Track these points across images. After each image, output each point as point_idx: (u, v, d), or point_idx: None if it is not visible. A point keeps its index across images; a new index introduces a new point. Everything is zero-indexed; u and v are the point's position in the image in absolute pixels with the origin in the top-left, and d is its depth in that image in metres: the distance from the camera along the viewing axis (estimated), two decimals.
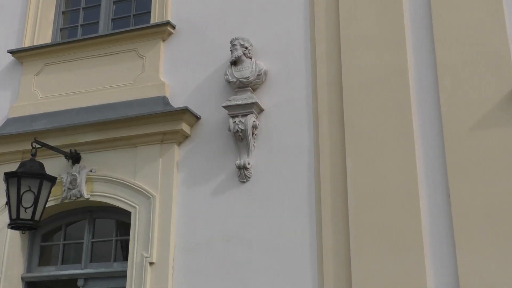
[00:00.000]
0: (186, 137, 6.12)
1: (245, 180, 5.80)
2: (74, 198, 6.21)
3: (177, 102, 6.23)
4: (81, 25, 7.18)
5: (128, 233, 6.05)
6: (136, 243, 5.86)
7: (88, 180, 6.22)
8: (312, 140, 5.69)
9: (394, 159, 5.29)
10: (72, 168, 6.29)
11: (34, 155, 5.82)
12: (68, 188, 6.23)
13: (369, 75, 5.59)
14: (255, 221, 5.66)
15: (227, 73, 6.00)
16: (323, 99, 5.72)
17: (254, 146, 5.86)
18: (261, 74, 5.97)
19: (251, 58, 6.02)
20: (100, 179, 6.22)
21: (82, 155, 6.35)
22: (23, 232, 5.79)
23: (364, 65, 5.62)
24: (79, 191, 6.19)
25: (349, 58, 5.68)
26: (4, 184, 5.67)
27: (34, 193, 5.61)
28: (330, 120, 5.63)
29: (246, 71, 5.94)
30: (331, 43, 5.81)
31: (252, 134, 5.85)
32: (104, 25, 6.94)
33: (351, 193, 5.32)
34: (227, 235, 5.70)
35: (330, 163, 5.52)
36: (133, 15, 6.95)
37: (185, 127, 6.05)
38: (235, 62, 6.00)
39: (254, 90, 5.99)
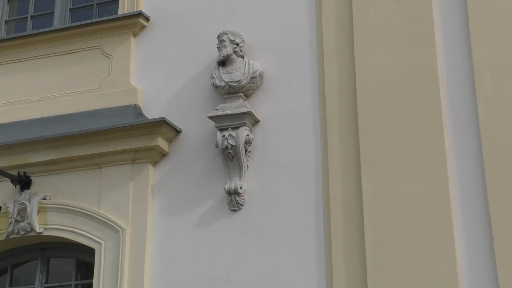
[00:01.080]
0: (163, 155, 6.10)
1: (236, 208, 5.78)
2: (23, 233, 6.16)
3: (151, 112, 6.22)
4: (31, 17, 7.17)
5: (91, 276, 6.00)
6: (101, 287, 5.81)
7: (41, 209, 6.18)
8: (320, 157, 5.67)
9: (421, 180, 5.27)
10: (20, 195, 6.26)
11: None
12: (16, 220, 6.18)
13: (389, 76, 5.57)
14: (249, 259, 5.63)
15: (214, 75, 6.00)
16: (332, 106, 5.71)
17: (247, 166, 5.85)
18: (255, 76, 5.96)
19: (243, 57, 6.01)
20: (55, 209, 6.18)
21: (33, 178, 6.31)
22: None
23: (382, 64, 5.60)
24: (29, 223, 6.14)
25: (364, 56, 5.67)
26: None
27: None
28: (341, 133, 5.63)
29: (237, 73, 5.94)
30: (342, 37, 5.80)
31: (245, 151, 5.83)
32: (60, 17, 6.93)
33: (368, 225, 5.29)
34: (214, 277, 5.66)
35: (342, 186, 5.50)
36: (97, 4, 6.96)
37: (161, 142, 6.03)
38: (223, 62, 6.00)
39: (247, 96, 5.98)
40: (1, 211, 5.90)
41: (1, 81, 6.79)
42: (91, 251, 6.02)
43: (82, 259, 6.22)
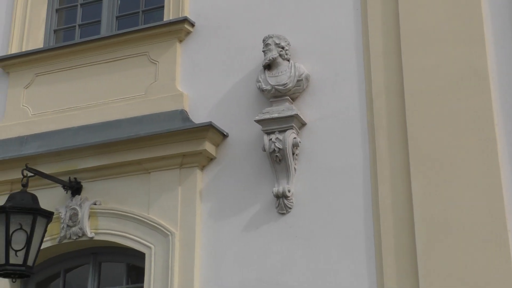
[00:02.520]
0: (210, 159, 6.05)
1: (285, 212, 5.70)
2: (74, 238, 6.16)
3: (198, 117, 6.17)
4: (79, 26, 7.18)
5: (141, 280, 5.97)
6: None
7: (92, 215, 6.17)
8: (368, 160, 5.57)
9: (473, 182, 5.14)
10: (71, 200, 6.25)
11: (25, 185, 5.77)
12: (68, 226, 6.18)
13: (438, 77, 5.45)
14: (297, 263, 5.55)
15: (260, 79, 5.93)
16: (380, 109, 5.60)
17: (295, 169, 5.76)
18: (301, 79, 5.88)
19: (288, 60, 5.94)
20: (106, 214, 6.16)
21: (84, 184, 6.31)
22: (14, 280, 5.73)
23: (430, 65, 5.48)
24: (80, 228, 6.13)
25: (412, 57, 5.55)
26: None
27: (26, 232, 5.56)
28: (390, 136, 5.52)
29: (283, 76, 5.86)
30: (389, 39, 5.69)
31: (293, 154, 5.75)
32: (107, 25, 6.93)
33: (419, 228, 5.17)
34: (263, 281, 5.60)
35: (391, 189, 5.39)
36: (143, 11, 6.94)
37: (209, 147, 5.98)
38: (269, 66, 5.92)
39: (293, 99, 5.90)
40: (53, 216, 5.86)
41: (50, 89, 6.80)
42: (141, 256, 6.00)
43: (133, 263, 6.19)
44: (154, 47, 6.51)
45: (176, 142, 6.01)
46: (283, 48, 5.94)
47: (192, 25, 6.48)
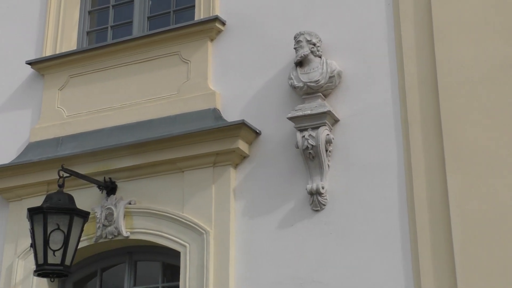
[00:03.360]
0: (243, 157, 6.01)
1: (319, 209, 5.64)
2: (110, 237, 6.17)
3: (231, 115, 6.14)
4: (111, 27, 7.20)
5: (177, 278, 5.95)
6: None
7: (127, 214, 6.17)
8: (402, 155, 5.49)
9: (510, 177, 5.03)
10: (106, 200, 6.26)
11: (61, 186, 5.80)
12: (103, 225, 6.19)
13: (472, 70, 5.36)
14: (333, 260, 5.50)
15: (292, 76, 5.87)
16: (413, 103, 5.51)
17: (328, 165, 5.70)
18: (333, 76, 5.81)
19: (320, 57, 5.88)
20: (141, 213, 6.16)
21: (118, 184, 6.32)
22: (52, 280, 5.77)
23: (465, 58, 5.39)
24: (116, 228, 6.14)
25: (445, 50, 5.46)
26: (28, 223, 5.64)
27: (63, 232, 5.60)
28: (424, 130, 5.43)
29: (315, 73, 5.80)
30: (421, 32, 5.60)
31: (326, 150, 5.69)
32: (139, 26, 6.93)
33: (455, 223, 5.08)
34: (299, 278, 5.55)
35: (427, 184, 5.30)
36: (174, 11, 6.93)
37: (242, 145, 5.93)
38: (301, 63, 5.87)
39: (326, 96, 5.84)
40: (89, 216, 5.88)
41: (84, 90, 6.82)
42: (176, 254, 5.98)
43: (168, 262, 6.18)
44: (185, 47, 6.49)
45: (209, 141, 5.99)
46: (314, 44, 5.88)
47: (223, 23, 6.45)
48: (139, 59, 6.66)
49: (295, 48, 5.89)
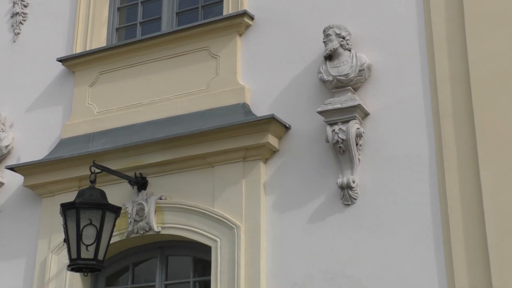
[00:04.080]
0: (273, 152, 5.98)
1: (350, 203, 5.59)
2: (142, 232, 6.18)
3: (260, 110, 6.12)
4: (140, 23, 7.21)
5: (208, 273, 5.95)
6: (219, 285, 5.77)
7: (158, 209, 6.17)
8: (434, 149, 5.42)
9: None
10: (137, 195, 6.27)
11: (93, 181, 5.81)
12: (135, 220, 6.20)
13: (505, 63, 5.26)
14: (365, 254, 5.45)
15: (321, 70, 5.82)
16: (445, 96, 5.44)
17: (359, 159, 5.65)
18: (363, 69, 5.76)
19: (350, 50, 5.82)
20: (171, 208, 6.16)
21: (149, 179, 6.33)
22: (85, 274, 5.79)
23: (497, 50, 5.30)
24: (147, 223, 6.15)
25: (477, 43, 5.38)
26: (61, 218, 5.67)
27: (96, 227, 5.61)
28: (456, 123, 5.36)
29: (344, 66, 5.75)
30: (452, 24, 5.52)
31: (356, 144, 5.63)
32: (167, 22, 6.93)
33: (489, 217, 5.00)
34: (330, 273, 5.51)
35: (459, 178, 5.24)
36: (202, 6, 6.92)
37: (272, 139, 5.90)
38: (330, 57, 5.82)
39: (355, 89, 5.78)
40: (121, 211, 5.89)
41: (114, 86, 6.84)
42: (207, 249, 5.97)
43: (199, 257, 6.18)
44: (214, 42, 6.48)
45: (239, 136, 5.96)
46: (344, 38, 5.82)
47: (252, 18, 6.42)
48: (168, 55, 6.66)
49: (324, 42, 5.84)
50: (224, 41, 6.44)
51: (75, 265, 5.59)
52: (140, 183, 6.30)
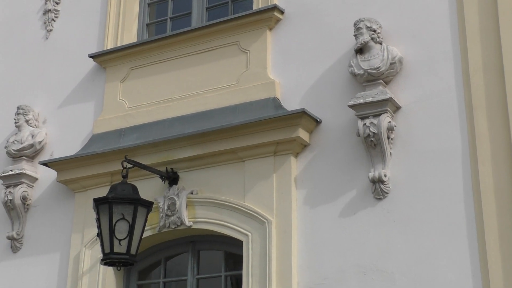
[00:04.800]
0: (304, 146, 5.95)
1: (381, 197, 5.54)
2: (173, 227, 6.19)
3: (291, 104, 6.08)
4: (170, 19, 7.20)
5: (239, 267, 5.94)
6: (250, 279, 5.75)
7: (189, 204, 6.18)
8: (467, 142, 5.35)
9: None
10: (169, 190, 6.28)
11: (125, 176, 5.82)
12: (166, 215, 6.21)
13: None
14: (397, 248, 5.39)
15: (352, 63, 5.78)
16: (478, 89, 5.36)
17: (390, 153, 5.60)
18: (395, 62, 5.69)
19: (381, 43, 5.77)
20: (202, 203, 6.16)
21: (180, 174, 6.33)
22: (118, 268, 5.80)
23: None
24: (179, 217, 6.15)
25: (511, 33, 5.30)
26: (94, 213, 5.70)
27: (128, 221, 5.62)
28: (489, 116, 5.28)
29: (375, 59, 5.69)
30: (485, 15, 5.44)
31: (388, 138, 5.58)
32: (197, 17, 6.92)
33: None
34: (362, 267, 5.47)
35: (493, 171, 5.16)
36: (232, 1, 6.90)
37: (302, 133, 5.87)
38: (361, 50, 5.77)
39: (387, 83, 5.72)
40: (152, 206, 5.90)
41: (145, 82, 6.85)
42: (238, 243, 5.96)
43: (230, 251, 6.17)
44: (244, 36, 6.45)
45: (269, 130, 5.94)
46: (374, 31, 5.77)
47: (282, 12, 6.38)
48: (198, 49, 6.66)
49: (355, 35, 5.79)
50: (254, 36, 6.41)
51: (108, 259, 5.60)
52: (172, 178, 6.31)
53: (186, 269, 6.29)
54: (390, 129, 5.59)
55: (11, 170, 7.04)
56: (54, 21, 7.63)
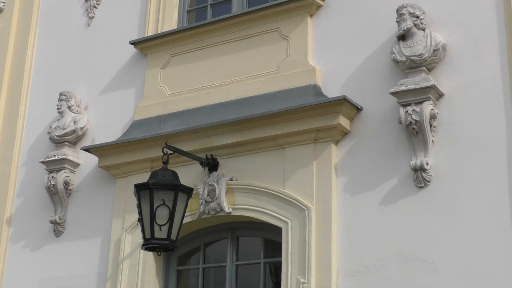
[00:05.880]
0: (344, 133, 5.88)
1: (423, 185, 5.45)
2: (213, 213, 6.18)
3: (331, 91, 6.01)
4: (210, 5, 7.18)
5: (278, 254, 5.91)
6: (289, 266, 5.72)
7: (229, 190, 6.16)
8: None
9: None
10: (209, 176, 6.26)
11: (166, 162, 5.82)
12: (206, 201, 6.20)
13: None
14: (438, 237, 5.31)
15: (394, 50, 5.68)
16: None
17: (433, 141, 5.50)
18: (438, 49, 5.58)
19: (424, 30, 5.67)
20: (242, 189, 6.14)
21: (220, 160, 6.32)
22: (159, 254, 5.81)
23: None
24: (218, 204, 6.14)
25: None
26: (135, 198, 5.71)
27: (168, 207, 5.62)
28: None
29: (418, 46, 5.59)
30: None
31: (430, 126, 5.48)
32: (238, 3, 6.88)
33: None
34: (403, 256, 5.40)
35: None
36: None
37: (343, 121, 5.80)
38: (403, 36, 5.68)
39: (429, 70, 5.62)
40: (192, 192, 5.89)
41: (185, 68, 6.84)
42: (277, 230, 5.93)
43: (269, 238, 6.14)
44: (285, 23, 6.39)
45: (309, 117, 5.88)
46: (417, 17, 5.66)
47: None
48: (239, 36, 6.62)
49: (397, 22, 5.70)
50: (294, 22, 6.35)
51: (149, 244, 5.62)
52: (211, 165, 6.30)
53: (225, 255, 6.28)
54: (433, 117, 5.49)
55: (54, 156, 7.10)
56: (96, 8, 7.65)
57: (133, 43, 7.14)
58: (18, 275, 7.16)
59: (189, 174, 6.32)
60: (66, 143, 7.14)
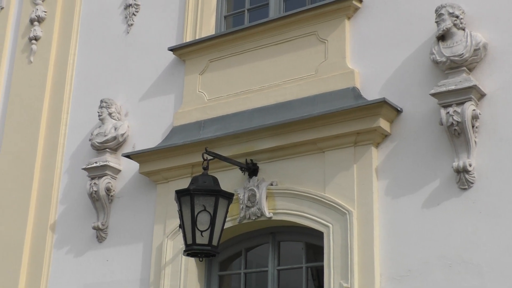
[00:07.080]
0: (385, 136, 5.82)
1: (466, 187, 5.37)
2: (254, 218, 6.17)
3: (370, 93, 5.96)
4: (248, 10, 7.17)
5: (320, 258, 5.87)
6: (332, 271, 5.68)
7: (269, 195, 6.14)
8: None
9: None
10: (249, 181, 6.25)
11: (206, 168, 5.82)
12: (246, 206, 6.19)
13: None
14: (484, 240, 5.22)
15: (434, 51, 5.60)
16: None
17: (475, 142, 5.42)
18: (479, 48, 5.49)
19: (464, 30, 5.58)
20: (282, 194, 6.11)
21: (260, 165, 6.30)
22: (201, 260, 5.81)
23: None
24: (259, 209, 6.12)
25: None
26: (176, 204, 5.73)
27: (209, 213, 5.62)
28: None
29: (458, 46, 5.51)
30: None
31: (472, 127, 5.40)
32: (275, 7, 6.86)
33: None
34: (447, 259, 5.32)
35: None
36: None
37: (383, 123, 5.74)
38: (443, 37, 5.60)
39: (470, 70, 5.54)
40: (233, 198, 5.88)
41: (224, 74, 6.84)
42: (319, 235, 5.89)
43: (311, 242, 6.11)
44: (322, 26, 6.36)
45: (349, 120, 5.83)
46: (457, 17, 5.58)
47: (360, 1, 6.25)
48: (276, 40, 6.60)
49: (436, 22, 5.62)
50: (332, 25, 6.31)
51: (191, 250, 5.62)
52: (251, 169, 6.28)
53: (267, 260, 6.26)
54: (475, 117, 5.40)
55: (96, 162, 7.17)
56: (134, 15, 7.71)
57: (171, 49, 7.17)
58: (62, 280, 7.24)
59: (229, 179, 6.31)
60: (107, 149, 7.21)
